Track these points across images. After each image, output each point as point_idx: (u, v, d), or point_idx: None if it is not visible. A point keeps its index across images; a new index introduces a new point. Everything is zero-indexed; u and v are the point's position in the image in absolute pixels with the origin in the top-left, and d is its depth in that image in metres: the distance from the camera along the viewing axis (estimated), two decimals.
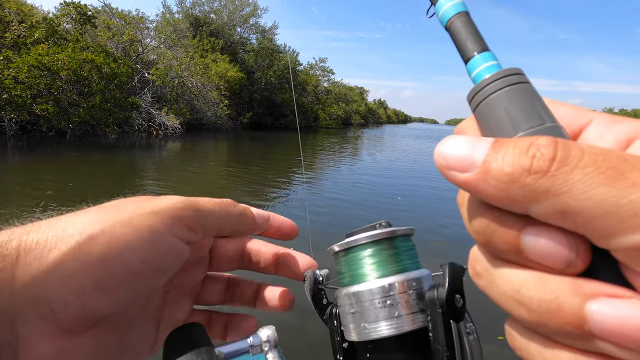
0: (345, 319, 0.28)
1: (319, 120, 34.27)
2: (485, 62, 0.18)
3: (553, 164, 0.13)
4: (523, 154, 0.14)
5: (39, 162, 8.08)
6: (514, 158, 0.14)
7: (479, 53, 0.19)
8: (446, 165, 0.16)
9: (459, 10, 0.20)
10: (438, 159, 0.17)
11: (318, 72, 37.83)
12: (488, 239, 0.16)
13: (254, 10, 26.94)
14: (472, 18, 0.20)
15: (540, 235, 0.15)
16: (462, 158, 0.16)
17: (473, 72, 0.19)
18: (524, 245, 0.15)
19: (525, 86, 0.17)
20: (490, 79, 0.18)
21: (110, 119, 12.42)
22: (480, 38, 0.19)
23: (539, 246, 0.15)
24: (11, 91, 9.92)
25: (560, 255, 0.14)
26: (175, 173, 8.04)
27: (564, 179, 0.13)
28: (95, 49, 12.12)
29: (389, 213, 5.59)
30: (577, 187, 0.13)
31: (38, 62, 10.26)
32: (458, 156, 0.16)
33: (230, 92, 19.98)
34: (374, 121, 68.47)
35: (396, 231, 0.28)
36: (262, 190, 6.74)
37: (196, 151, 12.32)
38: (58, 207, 4.74)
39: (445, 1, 0.20)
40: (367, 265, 0.27)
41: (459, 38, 0.19)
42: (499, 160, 0.15)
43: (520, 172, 0.14)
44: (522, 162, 0.14)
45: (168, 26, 20.12)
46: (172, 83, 15.98)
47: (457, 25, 0.20)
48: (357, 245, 0.28)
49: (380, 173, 9.62)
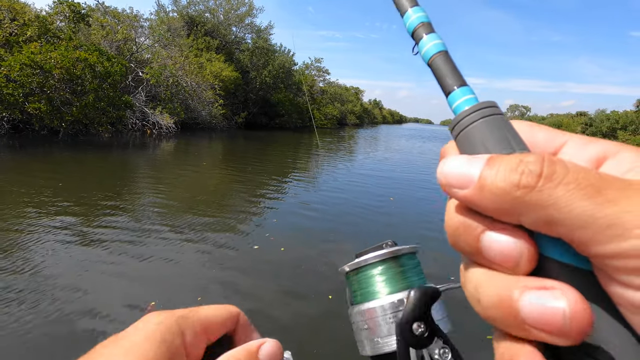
0: (359, 335, 0.30)
1: (314, 120, 34.31)
2: (463, 95, 0.21)
3: (540, 180, 0.15)
4: (513, 170, 0.16)
5: (30, 161, 8.04)
6: (505, 174, 0.16)
7: (458, 87, 0.21)
8: (447, 183, 0.18)
9: (439, 50, 0.22)
10: (440, 179, 0.18)
11: (314, 72, 37.86)
12: (456, 241, 0.18)
13: (249, 10, 26.89)
14: (450, 56, 0.22)
15: (495, 239, 0.17)
16: (461, 176, 0.17)
17: (453, 105, 0.21)
18: (482, 246, 0.17)
19: (498, 118, 0.19)
20: (467, 112, 0.20)
21: (104, 118, 12.36)
22: (458, 74, 0.22)
23: (493, 248, 0.17)
24: (3, 89, 9.85)
25: (510, 256, 0.16)
26: (169, 172, 8.04)
27: (549, 194, 0.15)
28: (89, 48, 12.05)
29: (385, 214, 5.66)
30: (560, 201, 0.15)
31: (30, 60, 10.19)
32: (457, 174, 0.18)
33: (225, 92, 19.94)
34: (369, 121, 68.67)
35: (401, 250, 0.30)
36: (256, 190, 6.78)
37: (190, 150, 12.31)
38: (48, 206, 4.75)
39: (427, 41, 0.23)
40: (378, 283, 0.29)
41: (440, 74, 0.22)
42: (492, 176, 0.16)
43: (510, 187, 0.15)
44: (512, 178, 0.16)
45: (162, 25, 20.02)
46: (166, 82, 15.94)
47: (438, 63, 0.22)
48: (367, 265, 0.30)
49: (376, 172, 9.69)
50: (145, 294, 2.84)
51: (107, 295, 2.81)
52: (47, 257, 3.38)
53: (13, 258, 3.33)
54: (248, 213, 5.32)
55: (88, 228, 4.16)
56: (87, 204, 4.99)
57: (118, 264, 3.34)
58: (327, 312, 2.78)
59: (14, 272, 3.08)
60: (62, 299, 2.73)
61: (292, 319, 2.68)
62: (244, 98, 24.58)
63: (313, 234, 4.54)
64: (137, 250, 3.69)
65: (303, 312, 2.79)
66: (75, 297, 2.77)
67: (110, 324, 2.48)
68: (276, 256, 3.74)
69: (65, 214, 4.55)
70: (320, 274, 3.39)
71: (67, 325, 2.47)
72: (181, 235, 4.12)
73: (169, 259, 3.51)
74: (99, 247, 3.67)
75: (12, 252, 3.44)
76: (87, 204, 5.03)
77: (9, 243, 3.62)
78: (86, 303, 2.70)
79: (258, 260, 3.63)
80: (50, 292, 2.84)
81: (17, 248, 3.54)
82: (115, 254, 3.55)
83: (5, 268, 3.13)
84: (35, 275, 3.06)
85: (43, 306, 2.65)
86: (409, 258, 0.31)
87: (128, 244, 3.79)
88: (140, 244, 3.82)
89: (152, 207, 5.16)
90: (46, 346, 2.28)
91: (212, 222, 4.65)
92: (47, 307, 2.64)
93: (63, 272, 3.10)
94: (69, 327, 2.44)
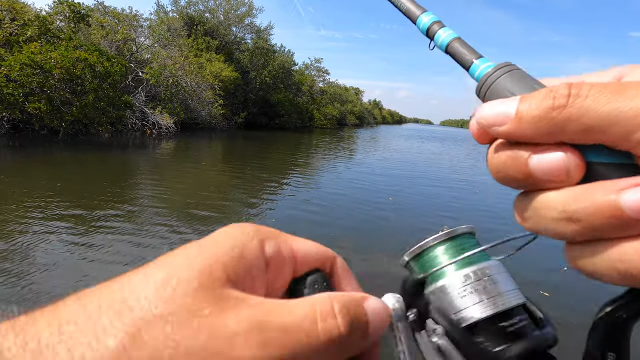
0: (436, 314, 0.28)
1: (314, 120, 34.33)
2: (483, 63, 0.24)
3: (569, 98, 0.18)
4: (545, 97, 0.18)
5: (30, 161, 8.05)
6: (539, 102, 0.18)
7: (477, 59, 0.25)
8: (488, 124, 0.20)
9: (453, 37, 0.27)
10: (480, 122, 0.21)
11: (313, 72, 37.87)
12: (505, 175, 0.20)
13: (249, 10, 26.90)
14: (464, 40, 0.26)
15: (542, 159, 0.19)
16: (498, 114, 0.20)
17: (476, 72, 0.24)
18: (532, 169, 0.19)
19: (518, 71, 0.22)
20: (490, 72, 0.23)
21: (104, 118, 12.37)
22: (474, 50, 0.25)
23: (542, 167, 0.19)
24: (3, 89, 9.85)
25: (560, 169, 0.19)
26: (169, 172, 8.06)
27: (580, 106, 0.17)
28: (89, 48, 12.06)
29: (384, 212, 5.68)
30: (591, 109, 0.17)
31: (31, 60, 10.20)
32: (495, 114, 0.20)
33: (224, 92, 19.94)
34: (368, 121, 68.68)
35: (457, 230, 0.30)
36: (254, 189, 6.80)
37: (190, 151, 12.32)
38: (48, 206, 4.76)
39: (442, 33, 0.27)
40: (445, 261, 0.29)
41: (459, 53, 0.26)
42: (527, 107, 0.19)
43: (546, 110, 0.18)
44: (546, 103, 0.18)
45: (162, 25, 20.02)
46: (166, 82, 15.94)
47: (455, 46, 0.26)
48: (428, 247, 0.30)
49: (376, 171, 9.71)
50: None
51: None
52: (45, 256, 3.39)
53: (12, 257, 3.35)
54: (246, 212, 5.35)
55: (87, 228, 4.17)
56: (87, 204, 5.01)
57: (116, 263, 3.36)
58: None
59: (13, 271, 3.09)
60: (60, 297, 2.75)
61: None
62: (243, 98, 24.59)
63: (312, 233, 4.56)
64: (136, 249, 3.71)
65: None
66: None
67: None
68: None
69: (64, 213, 4.56)
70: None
71: None
72: (179, 235, 4.14)
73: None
74: (97, 246, 3.69)
75: (11, 251, 3.46)
76: (87, 203, 5.04)
77: (8, 242, 3.64)
78: None
79: None
80: (48, 290, 2.85)
81: (16, 247, 3.55)
82: (113, 253, 3.57)
83: (3, 268, 3.15)
84: (34, 274, 3.08)
85: (36, 307, 2.66)
86: (468, 237, 0.30)
87: (126, 244, 3.81)
88: (138, 244, 3.84)
89: (151, 206, 5.18)
90: None
91: (211, 221, 4.68)
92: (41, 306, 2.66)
93: (61, 272, 3.12)
94: None
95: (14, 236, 3.79)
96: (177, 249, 0.21)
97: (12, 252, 3.45)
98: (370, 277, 3.27)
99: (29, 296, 2.78)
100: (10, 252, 3.45)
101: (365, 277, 3.26)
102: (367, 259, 3.85)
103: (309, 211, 5.50)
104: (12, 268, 3.15)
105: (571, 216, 0.18)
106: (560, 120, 0.18)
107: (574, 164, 0.19)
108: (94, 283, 0.17)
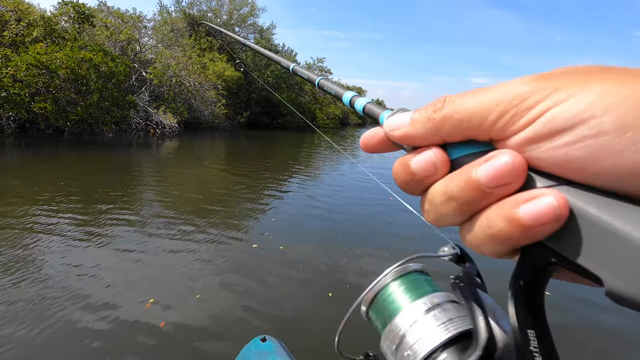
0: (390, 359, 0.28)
1: (316, 120, 34.32)
2: (386, 112, 0.30)
3: (445, 102, 0.22)
4: (430, 105, 0.23)
5: (36, 160, 8.17)
6: (426, 109, 0.23)
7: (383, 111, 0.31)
8: (390, 129, 0.26)
9: (367, 101, 0.37)
10: (386, 128, 0.26)
11: (316, 72, 37.80)
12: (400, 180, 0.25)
13: (252, 10, 26.97)
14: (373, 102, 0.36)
15: (417, 159, 0.24)
16: (398, 122, 0.25)
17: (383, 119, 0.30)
18: (412, 169, 0.24)
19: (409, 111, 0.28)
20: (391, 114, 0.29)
21: (108, 118, 12.49)
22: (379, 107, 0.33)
23: (417, 165, 0.24)
24: (9, 89, 10.00)
25: (428, 163, 0.23)
26: (172, 171, 8.15)
27: (451, 106, 0.22)
28: (93, 48, 12.19)
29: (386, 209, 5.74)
30: (458, 107, 0.21)
31: (36, 60, 10.33)
32: (396, 122, 0.25)
33: (227, 92, 20.01)
34: (371, 121, 68.26)
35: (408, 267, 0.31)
36: (256, 189, 6.87)
37: (193, 150, 12.42)
38: (52, 205, 4.86)
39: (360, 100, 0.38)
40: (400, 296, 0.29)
41: (372, 111, 0.34)
42: (418, 114, 0.24)
43: (429, 113, 0.23)
44: (430, 109, 0.23)
45: (165, 25, 20.13)
46: (169, 82, 16.05)
47: (369, 107, 0.35)
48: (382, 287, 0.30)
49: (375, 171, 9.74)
50: (145, 292, 2.90)
51: (106, 292, 2.87)
52: (48, 255, 3.48)
53: (15, 255, 3.44)
54: (247, 212, 5.41)
55: (89, 226, 4.26)
56: (90, 203, 5.11)
57: (118, 261, 3.43)
58: (328, 310, 2.79)
59: (16, 270, 3.18)
60: (62, 296, 2.82)
61: (293, 317, 2.69)
62: (246, 98, 24.65)
63: (312, 232, 4.61)
64: (137, 247, 3.78)
65: (304, 310, 2.80)
66: (74, 294, 2.85)
67: (109, 323, 2.54)
68: (275, 255, 3.78)
69: (68, 212, 4.66)
70: (320, 272, 3.44)
71: (67, 323, 2.55)
72: (181, 233, 4.22)
73: (169, 257, 3.59)
74: (99, 245, 3.77)
75: (15, 249, 3.55)
76: (90, 202, 5.14)
77: (12, 240, 3.73)
78: (85, 299, 2.77)
79: (257, 258, 3.70)
80: (50, 288, 2.93)
81: (20, 245, 3.64)
82: (115, 252, 3.64)
83: (7, 265, 3.24)
84: (36, 272, 3.16)
85: (43, 305, 2.74)
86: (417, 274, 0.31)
87: (128, 242, 3.88)
88: (140, 242, 3.91)
89: (154, 205, 5.27)
90: (45, 344, 2.38)
91: (212, 220, 4.75)
92: (47, 304, 2.73)
93: (64, 270, 3.19)
94: (68, 325, 2.52)
95: (17, 232, 3.89)
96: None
97: (13, 249, 3.53)
98: (374, 276, 3.35)
99: (31, 294, 2.85)
100: (11, 248, 3.54)
101: (369, 275, 3.32)
102: (373, 254, 3.92)
103: (309, 208, 5.57)
104: (13, 265, 3.24)
105: (450, 195, 0.22)
106: (439, 120, 0.22)
107: (440, 159, 0.23)
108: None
